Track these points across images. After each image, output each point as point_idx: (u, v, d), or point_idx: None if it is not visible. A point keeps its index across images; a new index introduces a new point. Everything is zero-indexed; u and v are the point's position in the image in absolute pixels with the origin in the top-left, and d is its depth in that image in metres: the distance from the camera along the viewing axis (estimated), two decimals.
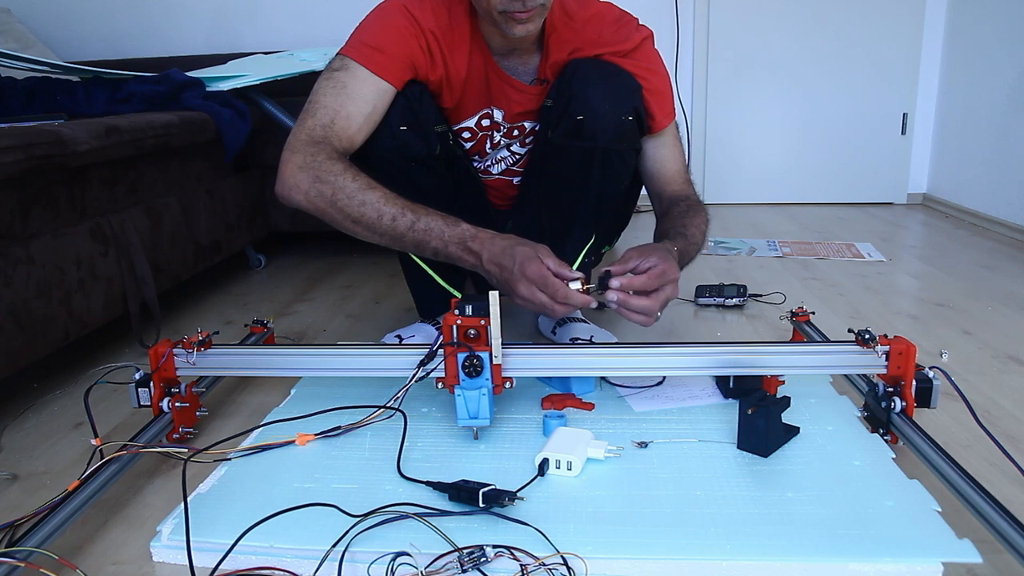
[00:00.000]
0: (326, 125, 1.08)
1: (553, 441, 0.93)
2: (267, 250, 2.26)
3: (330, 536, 0.76)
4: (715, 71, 2.98)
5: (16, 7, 2.61)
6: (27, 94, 1.74)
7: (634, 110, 1.17)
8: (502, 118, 1.24)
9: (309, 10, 2.84)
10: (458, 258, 1.03)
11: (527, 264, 0.96)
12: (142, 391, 1.03)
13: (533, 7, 1.03)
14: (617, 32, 1.17)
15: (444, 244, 1.03)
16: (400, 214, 1.03)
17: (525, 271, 0.96)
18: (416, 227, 1.03)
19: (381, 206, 1.03)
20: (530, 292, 0.96)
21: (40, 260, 1.19)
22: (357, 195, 1.02)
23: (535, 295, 0.96)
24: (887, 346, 1.00)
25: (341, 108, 1.09)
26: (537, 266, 0.95)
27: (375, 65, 1.10)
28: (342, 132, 1.08)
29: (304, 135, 1.07)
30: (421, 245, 1.04)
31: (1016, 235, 2.34)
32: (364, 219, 1.03)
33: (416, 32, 1.12)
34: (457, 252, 1.03)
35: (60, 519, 0.78)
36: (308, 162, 1.04)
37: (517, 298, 0.98)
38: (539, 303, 0.96)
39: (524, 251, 0.97)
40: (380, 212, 1.03)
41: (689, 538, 0.77)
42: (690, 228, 1.16)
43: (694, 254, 1.16)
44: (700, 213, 1.21)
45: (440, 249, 1.03)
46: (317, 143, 1.06)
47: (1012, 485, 0.89)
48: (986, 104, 2.57)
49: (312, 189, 1.04)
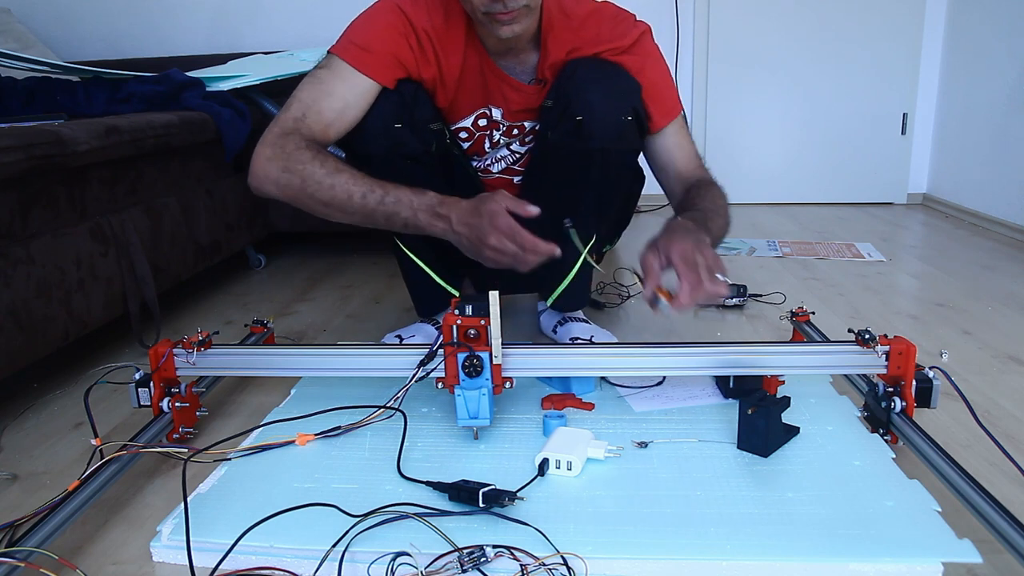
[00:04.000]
0: (298, 118, 1.10)
1: (553, 441, 0.93)
2: (267, 250, 2.26)
3: (330, 536, 0.76)
4: (715, 71, 2.97)
5: (16, 7, 2.61)
6: (27, 94, 1.74)
7: (633, 110, 1.16)
8: (501, 116, 1.24)
9: (309, 10, 2.84)
10: (428, 225, 1.04)
11: (496, 217, 0.97)
12: (142, 391, 1.03)
13: (515, 8, 1.03)
14: (615, 28, 1.17)
15: (413, 213, 1.04)
16: (369, 191, 1.05)
17: (495, 223, 0.97)
18: (385, 200, 1.04)
19: (350, 186, 1.05)
20: (500, 243, 0.97)
21: (40, 260, 1.19)
22: (326, 179, 1.05)
23: (505, 245, 0.97)
24: (887, 346, 1.00)
25: (314, 103, 1.11)
26: (505, 218, 0.97)
27: (358, 62, 1.11)
28: (314, 125, 1.10)
29: (277, 128, 1.10)
30: (392, 218, 1.05)
31: (1016, 235, 2.34)
32: (335, 201, 1.05)
33: (406, 30, 1.12)
34: (427, 219, 1.03)
35: (60, 519, 0.78)
36: (277, 153, 1.07)
37: (487, 250, 0.99)
38: (510, 253, 0.98)
39: (491, 206, 0.98)
40: (350, 192, 1.04)
41: (689, 538, 0.77)
42: (706, 203, 1.13)
43: (724, 227, 1.13)
44: (714, 188, 1.19)
45: (410, 219, 1.04)
46: (287, 134, 1.08)
47: (1012, 485, 0.89)
48: (986, 104, 2.57)
49: (282, 178, 1.06)
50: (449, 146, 1.25)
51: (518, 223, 0.98)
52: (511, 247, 0.98)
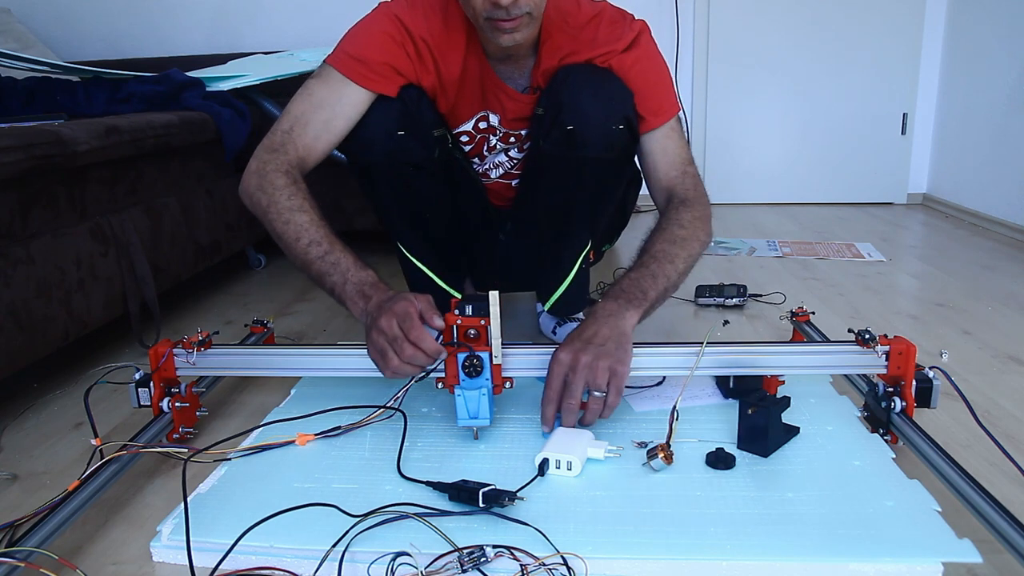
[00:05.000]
0: (286, 131, 1.11)
1: (553, 441, 0.93)
2: (267, 250, 2.26)
3: (330, 536, 0.76)
4: (715, 71, 2.97)
5: (16, 7, 2.61)
6: (27, 94, 1.74)
7: (625, 118, 1.14)
8: (498, 123, 1.23)
9: (309, 10, 2.84)
10: (349, 299, 1.00)
11: (399, 302, 0.93)
12: (142, 391, 1.03)
13: (518, 15, 1.01)
14: (612, 32, 1.15)
15: (344, 281, 1.00)
16: (316, 243, 1.02)
17: (394, 307, 0.93)
18: (326, 259, 1.02)
19: (302, 230, 1.03)
20: (388, 324, 0.91)
21: (40, 260, 1.19)
22: (285, 213, 1.04)
23: (392, 327, 0.91)
24: (887, 346, 1.00)
25: (301, 115, 1.11)
26: (407, 305, 0.92)
27: (351, 72, 1.10)
28: (299, 139, 1.10)
29: (267, 141, 1.11)
30: (322, 278, 1.03)
31: (1016, 235, 2.34)
32: (284, 237, 1.05)
33: (403, 39, 1.11)
34: (352, 292, 1.00)
35: (60, 519, 0.78)
36: (259, 168, 1.08)
37: (373, 332, 0.94)
38: (391, 336, 0.91)
39: (407, 298, 0.94)
40: (299, 235, 1.03)
41: (689, 538, 0.77)
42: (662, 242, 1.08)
43: (677, 272, 1.08)
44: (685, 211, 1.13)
45: (338, 285, 1.01)
46: (274, 151, 1.09)
47: (1012, 485, 0.89)
48: (986, 104, 2.57)
49: (254, 195, 1.07)
50: (452, 150, 1.24)
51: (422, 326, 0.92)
52: (395, 330, 0.91)
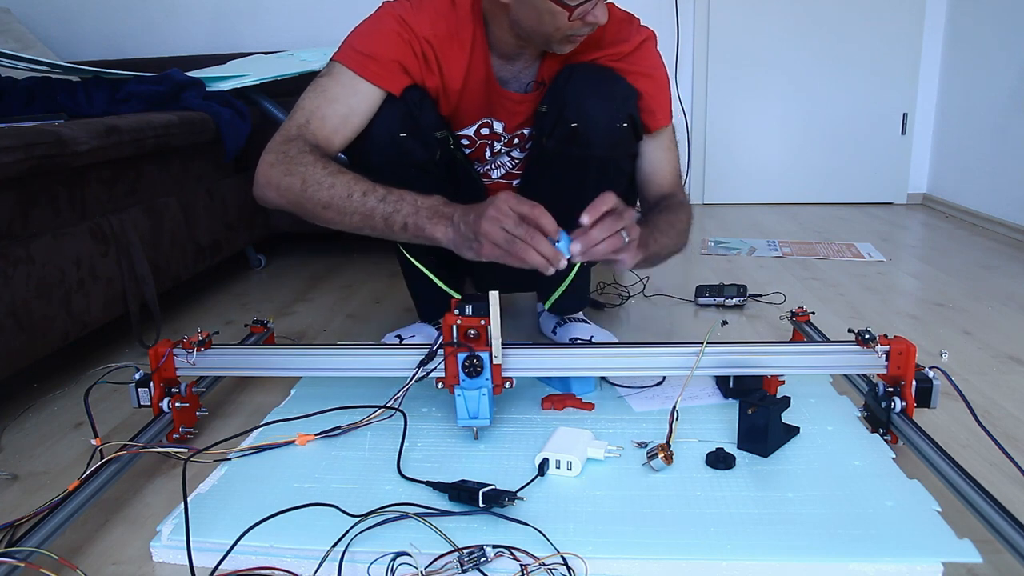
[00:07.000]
0: (301, 125, 1.09)
1: (553, 441, 0.93)
2: (267, 250, 2.26)
3: (330, 536, 0.76)
4: (715, 71, 2.98)
5: (16, 7, 2.61)
6: (27, 94, 1.74)
7: (629, 117, 1.15)
8: (502, 129, 1.24)
9: (309, 10, 2.84)
10: (428, 224, 0.99)
11: (497, 201, 0.92)
12: (142, 391, 1.03)
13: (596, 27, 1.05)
14: (618, 32, 1.16)
15: (416, 210, 1.00)
16: (370, 190, 1.02)
17: (497, 203, 0.92)
18: (388, 199, 1.01)
19: (352, 185, 1.02)
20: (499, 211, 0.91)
21: (40, 260, 1.19)
22: (326, 179, 1.02)
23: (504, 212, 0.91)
24: (887, 346, 1.00)
25: (317, 109, 1.10)
26: (509, 199, 0.92)
27: (362, 69, 1.10)
28: (317, 132, 1.09)
29: (280, 136, 1.09)
30: (391, 218, 1.01)
31: (1016, 235, 2.34)
32: (334, 200, 1.02)
33: (409, 38, 1.11)
34: (428, 217, 0.99)
35: (60, 519, 0.78)
36: (280, 158, 1.06)
37: (484, 223, 0.92)
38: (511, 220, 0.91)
39: (497, 199, 0.94)
40: (350, 190, 1.02)
41: (689, 538, 0.77)
42: (662, 222, 1.12)
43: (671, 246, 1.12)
44: (679, 211, 1.18)
45: (410, 217, 1.00)
46: (291, 140, 1.07)
47: (1012, 485, 0.89)
48: (986, 104, 2.57)
49: (283, 182, 1.04)
50: (453, 151, 1.24)
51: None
52: (510, 214, 0.91)
